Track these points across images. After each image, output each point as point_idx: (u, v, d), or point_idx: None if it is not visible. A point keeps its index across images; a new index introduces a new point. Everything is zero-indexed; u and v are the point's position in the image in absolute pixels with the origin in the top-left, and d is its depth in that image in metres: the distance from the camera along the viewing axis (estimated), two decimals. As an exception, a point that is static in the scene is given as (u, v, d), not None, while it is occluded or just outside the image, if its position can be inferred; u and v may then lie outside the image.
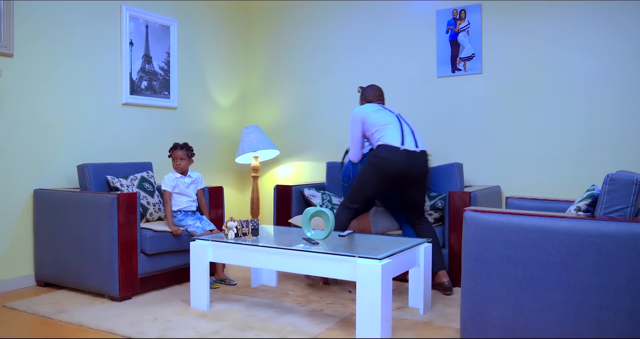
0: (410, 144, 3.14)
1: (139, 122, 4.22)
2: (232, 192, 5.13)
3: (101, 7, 3.90)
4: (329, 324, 2.69)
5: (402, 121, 3.26)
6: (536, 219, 2.02)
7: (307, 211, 2.95)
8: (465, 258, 2.16)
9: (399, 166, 3.08)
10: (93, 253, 3.16)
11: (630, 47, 3.56)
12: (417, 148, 3.15)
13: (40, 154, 3.55)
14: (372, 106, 3.32)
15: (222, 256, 2.91)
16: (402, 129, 3.19)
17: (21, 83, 3.44)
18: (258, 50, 5.20)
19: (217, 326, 2.66)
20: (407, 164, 3.09)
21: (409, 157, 3.10)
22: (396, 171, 3.09)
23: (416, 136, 3.23)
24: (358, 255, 2.46)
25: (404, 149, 3.10)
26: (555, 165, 3.82)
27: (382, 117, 3.23)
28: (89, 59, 3.83)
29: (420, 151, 3.16)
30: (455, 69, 4.16)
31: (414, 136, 3.20)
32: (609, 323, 1.87)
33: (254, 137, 4.66)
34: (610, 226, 1.89)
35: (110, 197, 3.08)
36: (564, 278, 1.95)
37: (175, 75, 4.48)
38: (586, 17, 3.69)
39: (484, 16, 4.05)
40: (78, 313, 2.87)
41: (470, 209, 2.18)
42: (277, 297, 3.19)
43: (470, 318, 2.14)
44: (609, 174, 2.07)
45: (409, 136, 3.18)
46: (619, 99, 3.61)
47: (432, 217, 3.64)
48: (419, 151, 3.16)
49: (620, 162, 3.59)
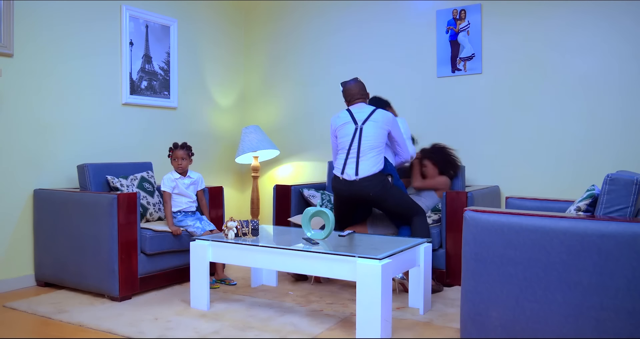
0: (350, 173, 3.23)
1: (139, 122, 4.22)
2: (232, 192, 5.13)
3: (101, 7, 3.90)
4: (329, 324, 2.69)
5: (355, 139, 3.25)
6: (536, 219, 2.02)
7: (307, 211, 2.95)
8: (465, 258, 2.16)
9: (343, 193, 3.30)
10: (93, 253, 3.16)
11: (630, 47, 3.56)
12: (356, 176, 3.21)
13: (40, 154, 3.55)
14: (341, 118, 3.38)
15: (222, 256, 2.91)
16: (347, 154, 3.27)
17: (21, 83, 3.44)
18: (258, 51, 5.20)
19: (217, 326, 2.66)
20: (348, 192, 3.27)
21: (347, 185, 3.26)
22: (343, 198, 3.34)
23: (361, 160, 3.22)
24: (358, 255, 2.46)
25: (343, 178, 3.27)
26: (555, 165, 3.82)
27: (342, 137, 3.35)
28: (89, 59, 3.83)
29: (360, 179, 3.20)
30: (455, 69, 4.16)
31: (357, 162, 3.22)
32: (609, 323, 1.87)
33: (254, 137, 4.66)
34: (610, 226, 1.89)
35: (110, 197, 3.08)
36: (564, 278, 1.95)
37: (175, 75, 4.48)
38: (586, 17, 3.69)
39: (484, 16, 4.05)
40: (78, 313, 2.87)
41: (470, 209, 2.18)
42: (277, 297, 3.19)
43: (470, 318, 2.14)
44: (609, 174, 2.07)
45: (352, 163, 3.24)
46: (619, 99, 3.61)
47: (431, 219, 3.64)
48: (359, 179, 3.20)
49: (620, 162, 3.60)
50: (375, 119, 3.27)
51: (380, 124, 3.27)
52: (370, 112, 3.29)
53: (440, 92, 4.23)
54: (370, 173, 3.19)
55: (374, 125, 3.26)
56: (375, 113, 3.29)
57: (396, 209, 3.29)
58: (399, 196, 3.27)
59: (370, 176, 3.19)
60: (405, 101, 4.34)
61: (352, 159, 3.25)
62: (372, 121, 3.26)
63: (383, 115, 3.30)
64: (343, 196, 3.31)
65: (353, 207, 3.40)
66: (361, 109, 3.33)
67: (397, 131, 3.36)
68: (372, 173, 3.20)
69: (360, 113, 3.31)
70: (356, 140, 3.25)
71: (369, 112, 3.29)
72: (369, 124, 3.26)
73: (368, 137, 3.24)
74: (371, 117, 3.27)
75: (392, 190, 3.24)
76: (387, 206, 3.28)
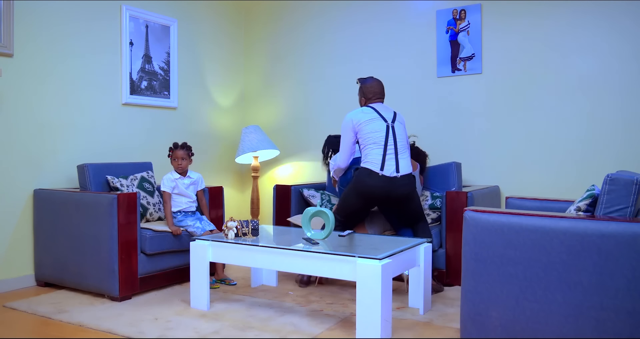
0: (390, 169, 3.11)
1: (139, 122, 4.22)
2: (232, 192, 5.13)
3: (101, 7, 3.90)
4: (329, 324, 2.69)
5: (390, 136, 3.17)
6: (536, 219, 2.02)
7: (307, 211, 2.95)
8: (465, 258, 2.16)
9: (378, 191, 3.12)
10: (93, 253, 3.16)
11: (630, 47, 3.56)
12: (397, 174, 3.12)
13: (40, 154, 3.54)
14: (367, 113, 3.21)
15: (222, 256, 2.91)
16: (385, 150, 3.13)
17: (21, 83, 3.44)
18: (258, 50, 5.20)
19: (217, 326, 2.66)
20: (385, 190, 3.11)
21: (387, 183, 3.10)
22: (375, 195, 3.14)
23: (399, 157, 3.16)
24: (358, 255, 2.46)
25: (382, 174, 3.10)
26: (555, 165, 3.82)
27: (373, 131, 3.16)
28: (89, 59, 3.83)
29: (401, 176, 3.13)
30: (455, 69, 4.16)
31: (396, 158, 3.14)
32: (609, 323, 1.87)
33: (254, 137, 4.66)
34: (610, 226, 1.89)
35: (110, 197, 3.08)
36: (564, 278, 1.95)
37: (175, 76, 4.48)
38: (586, 17, 3.69)
39: (484, 16, 4.05)
40: (78, 313, 2.87)
41: (470, 209, 2.18)
42: (277, 297, 3.19)
43: (470, 318, 2.14)
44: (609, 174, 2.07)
45: (391, 159, 3.13)
46: (619, 99, 3.61)
47: (430, 218, 3.64)
48: (400, 176, 3.13)
49: (620, 162, 3.60)
50: (400, 121, 3.28)
51: (404, 127, 3.28)
52: (394, 113, 3.27)
53: (440, 92, 4.23)
54: (408, 171, 3.17)
55: (401, 127, 3.24)
56: (398, 115, 3.29)
57: (415, 212, 3.26)
58: (419, 200, 3.31)
59: (408, 174, 3.17)
60: (405, 101, 4.34)
61: (390, 155, 3.14)
62: (399, 122, 3.24)
63: (403, 118, 3.34)
64: (374, 193, 3.13)
65: (374, 205, 3.29)
66: (385, 109, 3.27)
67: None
68: (410, 171, 3.18)
69: (386, 112, 3.24)
70: (391, 137, 3.17)
71: (393, 113, 3.27)
72: (397, 124, 3.23)
73: (400, 137, 3.21)
74: (397, 119, 3.25)
75: (416, 192, 3.26)
76: (411, 206, 3.23)
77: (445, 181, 3.79)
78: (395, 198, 3.15)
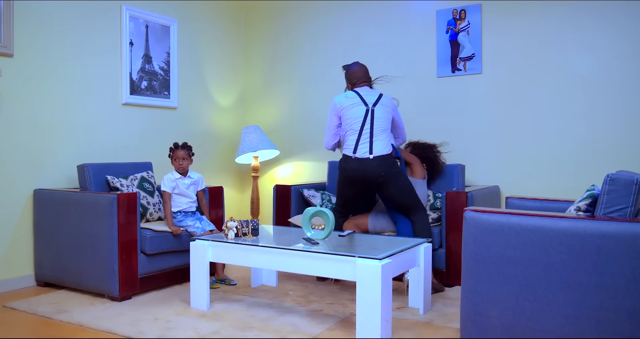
0: (363, 151, 3.22)
1: (139, 122, 4.22)
2: (232, 192, 5.13)
3: (101, 7, 3.90)
4: (329, 324, 2.69)
5: (367, 120, 3.26)
6: (536, 219, 2.02)
7: (307, 211, 2.95)
8: (465, 258, 2.16)
9: (354, 173, 3.25)
10: (93, 253, 3.15)
11: (630, 47, 3.56)
12: (370, 155, 3.20)
13: (40, 154, 3.54)
14: (350, 98, 3.32)
15: (222, 256, 2.91)
16: (360, 135, 3.25)
17: (21, 83, 3.44)
18: (258, 50, 5.20)
19: (217, 326, 2.66)
20: (361, 172, 3.23)
21: (361, 164, 3.22)
22: (354, 178, 3.28)
23: (374, 139, 3.24)
24: (358, 255, 2.46)
25: (356, 157, 3.23)
26: (555, 165, 3.82)
27: (351, 118, 3.29)
28: (89, 59, 3.83)
29: (374, 157, 3.20)
30: (455, 69, 4.16)
31: (370, 141, 3.23)
32: (609, 323, 1.86)
33: (254, 137, 4.66)
34: (610, 226, 1.88)
35: (110, 197, 3.08)
36: (564, 278, 1.94)
37: (175, 76, 4.48)
38: (586, 17, 3.69)
39: (484, 16, 4.05)
40: (78, 313, 2.87)
41: (470, 209, 2.18)
42: (277, 297, 3.19)
43: (470, 318, 2.14)
44: (609, 174, 2.07)
45: (365, 142, 3.23)
46: (619, 99, 3.61)
47: (431, 218, 3.64)
48: (372, 157, 3.20)
49: (620, 162, 3.59)
50: (384, 103, 3.32)
51: (388, 109, 3.33)
52: (378, 95, 3.33)
53: (440, 92, 4.23)
54: (383, 153, 3.22)
55: (383, 109, 3.30)
56: (383, 97, 3.34)
57: (401, 198, 3.28)
58: (407, 183, 3.31)
59: (383, 155, 3.22)
60: (405, 101, 4.34)
61: (365, 139, 3.24)
62: (382, 105, 3.30)
63: (390, 100, 3.38)
64: (353, 176, 3.26)
65: (359, 190, 3.36)
66: (369, 92, 3.35)
67: (398, 116, 3.45)
68: (386, 153, 3.23)
69: (369, 96, 3.32)
70: (368, 121, 3.26)
71: (377, 95, 3.33)
72: (379, 107, 3.29)
73: (379, 120, 3.27)
74: (380, 101, 3.31)
75: (400, 174, 3.28)
76: (394, 191, 3.26)
77: (449, 182, 3.81)
78: (372, 180, 3.23)
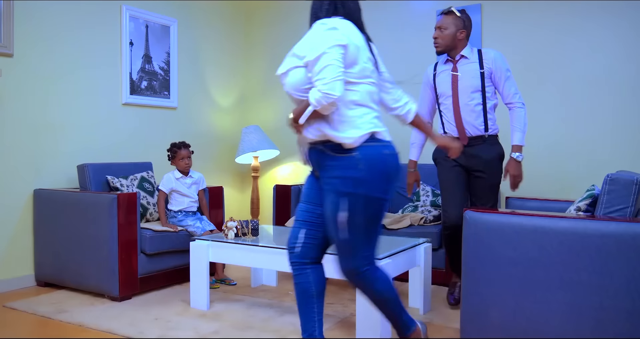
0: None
1: (139, 122, 4.22)
2: (232, 192, 5.12)
3: (101, 7, 3.90)
4: (329, 324, 2.69)
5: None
6: (536, 219, 2.02)
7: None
8: (465, 258, 2.16)
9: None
10: (93, 253, 3.15)
11: (630, 47, 3.56)
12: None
13: (40, 154, 3.54)
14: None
15: (222, 256, 2.91)
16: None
17: (21, 83, 3.44)
18: (258, 50, 5.20)
19: (217, 326, 2.66)
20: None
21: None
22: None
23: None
24: (358, 255, 2.46)
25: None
26: (555, 165, 3.82)
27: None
28: (89, 59, 3.83)
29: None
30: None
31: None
32: (609, 323, 1.87)
33: (254, 137, 4.66)
34: (610, 226, 1.89)
35: (110, 197, 3.08)
36: (564, 278, 1.94)
37: (175, 76, 4.48)
38: (586, 17, 3.69)
39: (484, 16, 4.05)
40: (78, 313, 2.87)
41: (470, 209, 2.18)
42: (277, 297, 3.19)
43: (470, 318, 2.14)
44: (609, 174, 2.07)
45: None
46: (619, 99, 3.61)
47: (432, 215, 3.64)
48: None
49: (620, 162, 3.59)
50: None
51: None
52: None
53: (440, 92, 4.23)
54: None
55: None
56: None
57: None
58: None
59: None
60: (405, 101, 4.34)
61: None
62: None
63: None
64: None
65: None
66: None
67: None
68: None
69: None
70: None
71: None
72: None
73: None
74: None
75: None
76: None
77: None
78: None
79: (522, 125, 2.88)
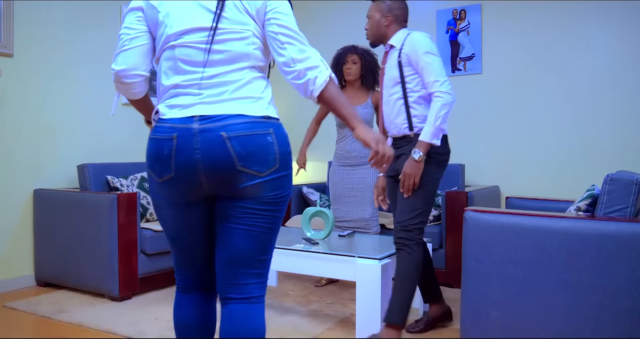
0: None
1: (139, 122, 4.19)
2: (232, 192, 5.12)
3: (101, 7, 3.90)
4: (329, 324, 2.69)
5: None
6: (536, 219, 2.02)
7: (307, 211, 2.95)
8: (465, 258, 2.16)
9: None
10: (93, 253, 3.15)
11: (630, 47, 3.56)
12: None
13: (40, 154, 3.54)
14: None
15: (222, 256, 2.91)
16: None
17: (21, 83, 3.44)
18: (258, 50, 5.19)
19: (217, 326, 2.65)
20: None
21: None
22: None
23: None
24: (358, 255, 2.46)
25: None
26: (555, 165, 3.82)
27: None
28: (89, 59, 3.82)
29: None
30: (455, 69, 4.16)
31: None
32: (609, 323, 1.86)
33: (254, 137, 4.65)
34: (610, 226, 1.88)
35: (110, 197, 3.08)
36: (564, 278, 1.94)
37: (175, 75, 4.47)
38: (586, 17, 3.69)
39: (484, 16, 4.05)
40: (78, 313, 2.87)
41: (470, 209, 2.18)
42: (277, 297, 3.19)
43: (470, 318, 2.14)
44: (609, 174, 2.07)
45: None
46: (619, 99, 3.61)
47: (431, 215, 3.64)
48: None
49: (620, 162, 3.59)
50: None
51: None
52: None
53: (440, 92, 4.23)
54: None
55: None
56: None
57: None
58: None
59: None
60: (405, 101, 4.34)
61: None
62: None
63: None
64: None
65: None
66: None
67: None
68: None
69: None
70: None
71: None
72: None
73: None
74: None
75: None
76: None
77: (449, 182, 3.81)
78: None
79: (433, 118, 2.29)
